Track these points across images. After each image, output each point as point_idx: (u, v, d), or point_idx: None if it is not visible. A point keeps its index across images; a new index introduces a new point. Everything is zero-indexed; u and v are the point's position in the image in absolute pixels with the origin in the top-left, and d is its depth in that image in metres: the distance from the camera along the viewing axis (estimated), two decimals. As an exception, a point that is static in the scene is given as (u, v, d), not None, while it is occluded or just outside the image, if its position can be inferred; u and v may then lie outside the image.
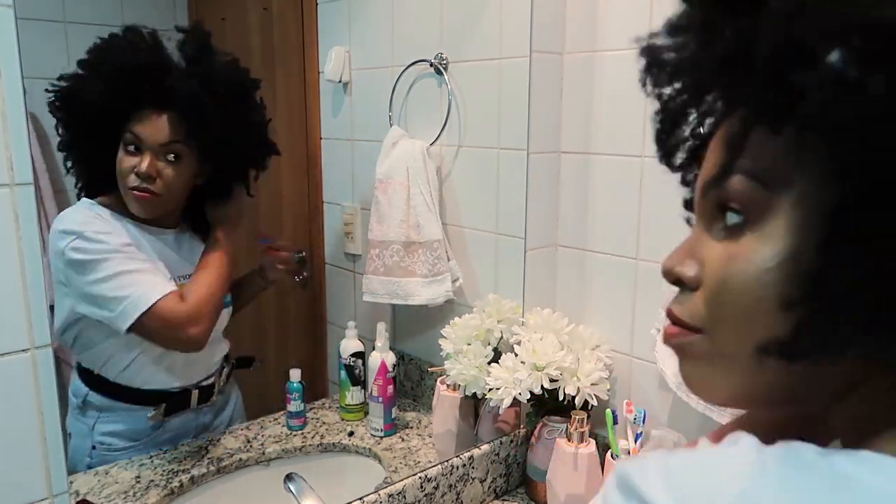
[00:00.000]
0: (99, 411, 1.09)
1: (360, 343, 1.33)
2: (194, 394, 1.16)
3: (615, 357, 1.24)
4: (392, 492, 1.07)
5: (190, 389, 1.16)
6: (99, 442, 1.09)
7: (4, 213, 0.70)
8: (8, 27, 0.69)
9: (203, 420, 1.21)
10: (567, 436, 1.15)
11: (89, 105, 1.01)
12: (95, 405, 1.09)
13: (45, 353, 0.74)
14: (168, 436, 1.15)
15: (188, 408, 1.16)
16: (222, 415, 1.25)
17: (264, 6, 1.38)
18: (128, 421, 1.11)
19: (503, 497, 1.26)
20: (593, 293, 1.28)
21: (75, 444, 1.09)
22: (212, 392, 1.20)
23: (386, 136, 1.34)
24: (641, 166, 1.17)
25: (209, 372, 1.19)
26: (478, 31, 1.27)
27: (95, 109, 1.02)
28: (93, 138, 1.05)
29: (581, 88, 1.24)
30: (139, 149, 1.05)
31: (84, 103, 1.02)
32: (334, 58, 1.40)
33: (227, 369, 1.24)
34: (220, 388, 1.21)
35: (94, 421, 1.09)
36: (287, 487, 1.01)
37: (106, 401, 1.09)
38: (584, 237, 1.27)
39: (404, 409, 1.38)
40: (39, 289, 0.73)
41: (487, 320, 1.24)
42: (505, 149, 1.27)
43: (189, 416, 1.17)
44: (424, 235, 1.30)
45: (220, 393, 1.22)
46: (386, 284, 1.32)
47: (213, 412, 1.23)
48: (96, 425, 1.09)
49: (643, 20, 1.13)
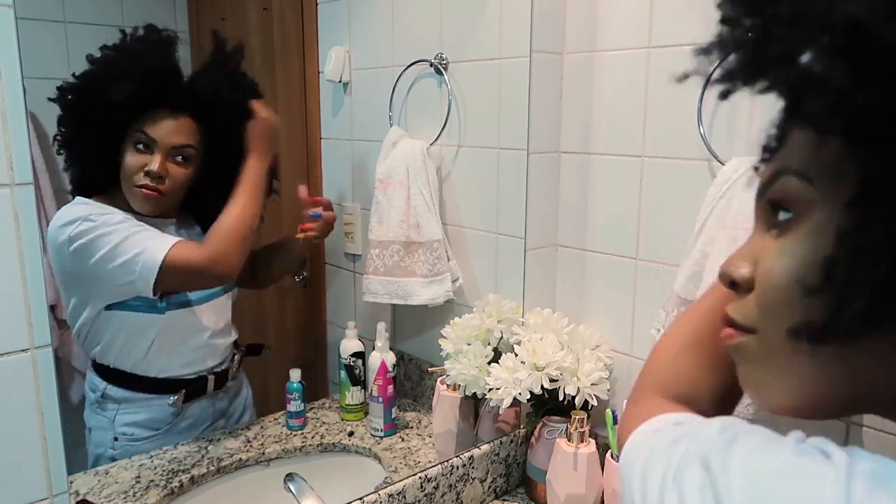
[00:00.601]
0: (118, 403, 1.11)
1: (360, 343, 1.33)
2: (210, 380, 1.19)
3: (615, 357, 1.24)
4: (392, 492, 1.07)
5: (206, 376, 1.19)
6: (121, 433, 1.12)
7: (4, 213, 0.70)
8: (8, 27, 0.68)
9: (220, 406, 1.24)
10: (567, 436, 1.15)
11: (101, 103, 1.02)
12: (115, 398, 1.11)
13: (45, 353, 0.74)
14: (187, 423, 1.17)
15: (205, 394, 1.19)
16: (237, 400, 1.28)
17: (264, 6, 1.38)
18: (147, 410, 1.13)
19: (503, 497, 1.26)
20: (593, 293, 1.28)
21: (97, 437, 1.11)
22: (226, 378, 1.23)
23: (386, 136, 1.34)
24: (641, 166, 1.17)
25: (222, 358, 1.22)
26: (478, 31, 1.27)
27: (107, 108, 1.02)
28: (98, 136, 1.05)
29: (581, 88, 1.24)
30: (150, 148, 1.06)
31: (96, 101, 1.02)
32: (334, 58, 1.40)
33: (238, 355, 1.26)
34: (233, 374, 1.24)
35: (114, 413, 1.11)
36: (287, 487, 1.01)
37: (125, 392, 1.11)
38: (584, 237, 1.27)
39: (404, 409, 1.38)
40: (39, 289, 0.73)
41: (487, 320, 1.24)
42: (505, 149, 1.27)
43: (206, 402, 1.20)
44: (424, 235, 1.30)
45: (234, 379, 1.25)
46: (386, 284, 1.32)
47: (229, 398, 1.26)
48: (117, 417, 1.11)
49: (643, 20, 1.13)
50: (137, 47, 1.05)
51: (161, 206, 1.10)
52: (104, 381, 1.11)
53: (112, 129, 1.05)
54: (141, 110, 1.06)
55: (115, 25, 1.09)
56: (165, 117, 1.07)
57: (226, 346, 1.23)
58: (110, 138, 1.06)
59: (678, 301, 1.05)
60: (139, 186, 1.06)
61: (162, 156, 1.07)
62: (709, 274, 0.98)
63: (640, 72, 1.14)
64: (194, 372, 1.17)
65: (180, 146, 1.08)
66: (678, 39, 1.09)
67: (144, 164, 1.06)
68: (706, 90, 1.04)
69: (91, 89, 1.02)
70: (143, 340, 1.10)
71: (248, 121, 1.13)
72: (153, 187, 1.07)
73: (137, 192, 1.07)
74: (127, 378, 1.11)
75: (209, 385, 1.19)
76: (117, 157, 1.07)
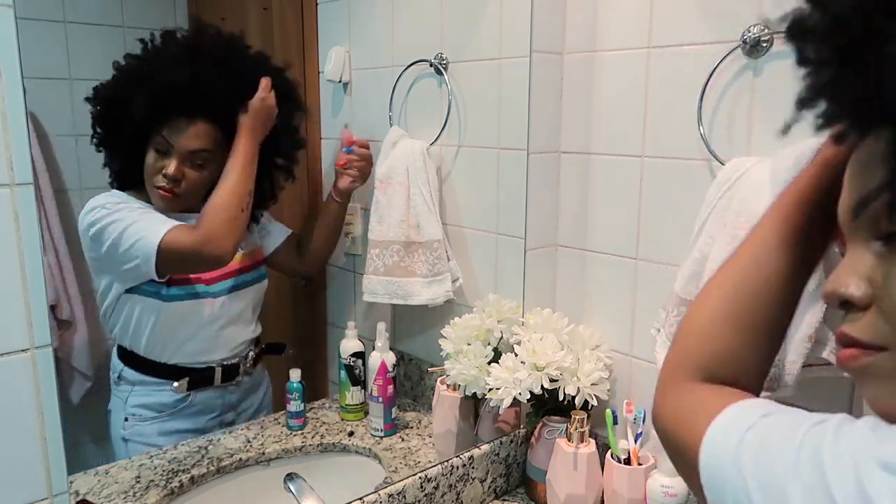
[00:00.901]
0: (132, 385, 1.17)
1: (360, 343, 1.33)
2: (217, 371, 1.21)
3: (615, 357, 1.24)
4: (392, 492, 1.07)
5: (213, 367, 1.21)
6: (131, 413, 1.16)
7: (4, 213, 0.70)
8: (8, 27, 0.68)
9: (229, 399, 1.25)
10: (567, 436, 1.15)
11: (124, 109, 1.07)
12: (129, 379, 1.16)
13: (45, 353, 0.74)
14: (193, 410, 1.20)
15: (211, 385, 1.21)
16: (251, 398, 1.29)
17: (264, 6, 1.38)
18: (155, 394, 1.17)
19: (503, 497, 1.26)
20: (593, 293, 1.28)
21: (114, 418, 1.17)
22: (236, 372, 1.24)
23: (386, 136, 1.34)
24: (641, 166, 1.17)
25: (232, 352, 1.24)
26: (478, 31, 1.27)
27: (128, 115, 1.07)
28: (124, 139, 1.11)
29: (581, 88, 1.24)
30: (167, 152, 1.11)
31: (120, 108, 1.07)
32: (334, 58, 1.40)
33: (255, 352, 1.27)
34: (245, 370, 1.26)
35: (127, 394, 1.16)
36: (287, 487, 1.01)
37: (137, 375, 1.16)
38: (584, 237, 1.27)
39: (404, 409, 1.38)
40: (39, 289, 0.73)
41: (487, 320, 1.24)
42: (505, 149, 1.27)
43: (214, 393, 1.22)
44: (424, 235, 1.30)
45: (247, 374, 1.26)
46: (386, 284, 1.32)
47: (240, 393, 1.27)
48: (129, 398, 1.16)
49: (643, 20, 1.13)
50: (153, 57, 1.09)
51: (178, 206, 1.14)
52: (121, 363, 1.16)
53: (135, 133, 1.10)
54: (160, 118, 1.10)
55: (115, 25, 1.09)
56: (182, 123, 1.12)
57: (241, 341, 1.25)
58: (135, 141, 1.11)
59: (678, 301, 1.05)
60: (157, 187, 1.12)
61: (178, 160, 1.11)
62: (709, 274, 0.98)
63: (640, 72, 1.14)
64: (201, 362, 1.20)
65: (195, 151, 1.13)
66: (678, 39, 1.09)
67: (162, 167, 1.11)
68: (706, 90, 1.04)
69: (114, 97, 1.07)
70: (149, 325, 1.14)
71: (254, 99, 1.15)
72: (168, 189, 1.12)
73: (157, 192, 1.13)
74: (139, 361, 1.16)
75: (216, 377, 1.21)
76: (142, 158, 1.12)
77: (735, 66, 1.02)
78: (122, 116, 1.08)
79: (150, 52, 1.09)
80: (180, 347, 1.17)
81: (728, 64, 1.02)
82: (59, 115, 1.07)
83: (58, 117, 1.06)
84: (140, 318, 1.13)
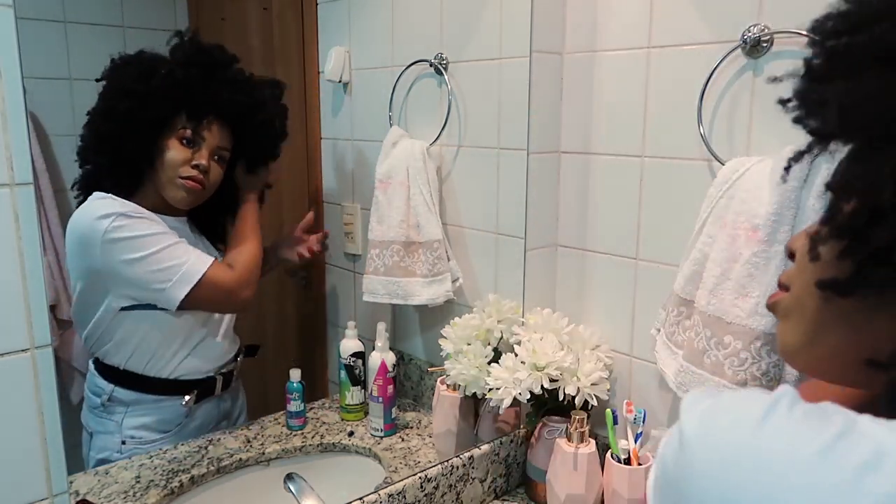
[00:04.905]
0: (127, 406, 1.11)
1: (360, 343, 1.33)
2: (219, 380, 1.21)
3: (615, 357, 1.24)
4: (392, 492, 1.07)
5: (215, 377, 1.20)
6: (129, 437, 1.12)
7: (4, 213, 0.70)
8: (8, 27, 0.68)
9: (224, 406, 1.25)
10: (567, 436, 1.15)
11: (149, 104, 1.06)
12: (123, 400, 1.11)
13: (45, 353, 0.74)
14: (196, 423, 1.19)
15: (213, 394, 1.21)
16: (238, 402, 1.29)
17: (264, 6, 1.38)
18: (156, 412, 1.14)
19: (503, 497, 1.26)
20: (593, 293, 1.28)
21: (101, 441, 1.11)
22: (231, 378, 1.24)
23: (386, 136, 1.34)
24: (641, 166, 1.17)
25: (228, 359, 1.24)
26: (478, 31, 1.27)
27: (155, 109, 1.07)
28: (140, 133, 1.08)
29: (581, 88, 1.24)
30: (196, 144, 1.12)
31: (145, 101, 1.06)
32: (334, 58, 1.40)
33: (241, 356, 1.28)
34: (236, 375, 1.26)
35: (121, 416, 1.11)
36: (287, 487, 1.01)
37: (134, 395, 1.12)
38: (584, 237, 1.27)
39: (404, 409, 1.38)
40: (39, 289, 0.73)
41: (487, 320, 1.24)
42: (505, 149, 1.27)
43: (213, 403, 1.22)
44: (424, 235, 1.30)
45: (237, 379, 1.27)
46: (386, 284, 1.32)
47: (231, 399, 1.27)
48: (125, 420, 1.11)
49: (643, 20, 1.13)
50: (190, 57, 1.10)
51: (199, 200, 1.14)
52: (111, 384, 1.10)
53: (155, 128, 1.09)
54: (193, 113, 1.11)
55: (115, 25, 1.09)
56: (213, 120, 1.13)
57: (235, 347, 1.25)
58: (151, 136, 1.10)
59: (678, 301, 1.05)
60: (185, 178, 1.11)
61: (208, 152, 1.13)
62: (709, 274, 0.98)
63: (640, 72, 1.14)
64: (205, 372, 1.19)
65: (222, 147, 1.15)
66: (678, 39, 1.09)
67: (190, 159, 1.11)
68: (706, 90, 1.04)
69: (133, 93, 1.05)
70: (161, 340, 1.12)
71: (263, 168, 1.23)
72: (200, 179, 1.12)
73: (182, 184, 1.11)
74: (138, 379, 1.11)
75: (217, 386, 1.21)
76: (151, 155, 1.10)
77: (735, 66, 1.02)
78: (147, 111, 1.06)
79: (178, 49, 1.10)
80: (189, 360, 1.15)
81: (728, 64, 1.03)
82: (59, 115, 1.06)
83: (58, 117, 1.06)
84: (146, 335, 1.10)
